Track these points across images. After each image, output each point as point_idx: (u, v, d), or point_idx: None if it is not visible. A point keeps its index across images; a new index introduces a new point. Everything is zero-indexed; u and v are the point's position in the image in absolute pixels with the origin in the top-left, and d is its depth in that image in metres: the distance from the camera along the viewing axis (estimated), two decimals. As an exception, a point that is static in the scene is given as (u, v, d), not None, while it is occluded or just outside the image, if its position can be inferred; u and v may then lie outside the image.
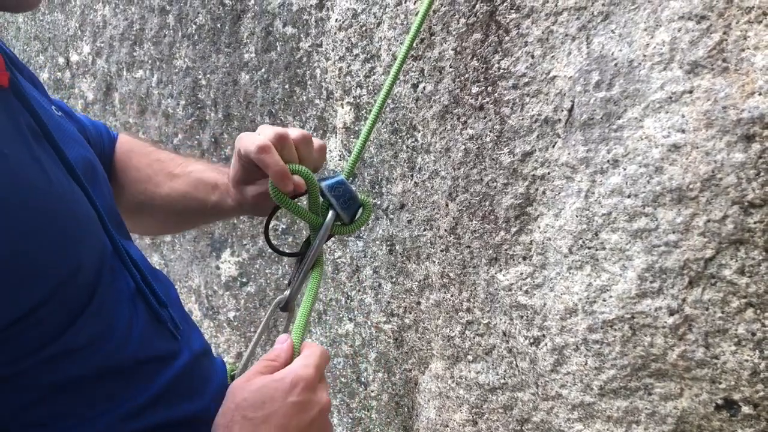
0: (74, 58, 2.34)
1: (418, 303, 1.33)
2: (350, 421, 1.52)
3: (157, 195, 1.17)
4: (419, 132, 1.28)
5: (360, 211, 1.09)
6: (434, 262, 1.28)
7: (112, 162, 1.21)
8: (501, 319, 1.18)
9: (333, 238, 1.26)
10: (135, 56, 2.05)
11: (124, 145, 1.23)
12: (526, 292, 1.14)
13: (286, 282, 1.66)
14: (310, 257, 1.04)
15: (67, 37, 2.35)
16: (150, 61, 1.99)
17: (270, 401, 0.77)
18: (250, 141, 0.97)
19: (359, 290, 1.46)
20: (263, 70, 1.64)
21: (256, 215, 1.21)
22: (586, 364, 1.06)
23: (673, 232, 0.95)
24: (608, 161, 1.01)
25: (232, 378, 0.98)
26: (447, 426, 1.30)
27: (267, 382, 0.79)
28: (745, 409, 0.92)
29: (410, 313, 1.35)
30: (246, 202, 1.09)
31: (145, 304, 0.87)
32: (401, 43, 1.28)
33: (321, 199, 1.05)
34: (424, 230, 1.30)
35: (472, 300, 1.23)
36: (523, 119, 1.11)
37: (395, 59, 1.16)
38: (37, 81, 1.05)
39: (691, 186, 0.93)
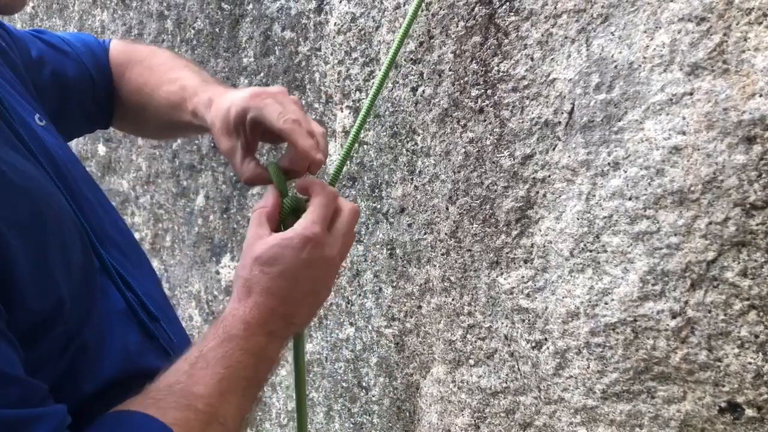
0: (73, 63, 2.34)
1: (419, 307, 1.33)
2: (352, 426, 1.52)
3: (148, 104, 1.16)
4: (419, 135, 1.28)
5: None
6: (435, 265, 1.28)
7: (111, 79, 1.22)
8: (502, 323, 1.18)
9: None
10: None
11: (118, 57, 1.23)
12: (528, 295, 1.13)
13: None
14: None
15: (65, 43, 2.35)
16: (148, 66, 1.99)
17: (281, 259, 0.84)
18: (274, 109, 0.91)
19: (360, 294, 1.45)
20: (262, 74, 1.63)
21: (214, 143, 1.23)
22: (588, 367, 1.06)
23: (675, 235, 0.95)
24: (609, 164, 1.01)
25: None
26: (449, 430, 1.29)
27: (278, 241, 0.85)
28: (749, 412, 0.91)
29: (411, 318, 1.34)
30: (218, 140, 1.00)
31: (136, 321, 0.86)
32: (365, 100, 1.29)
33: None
34: (425, 234, 1.29)
35: (473, 304, 1.22)
36: (523, 122, 1.11)
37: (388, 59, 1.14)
38: (19, 36, 1.05)
39: (692, 188, 0.92)
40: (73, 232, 0.78)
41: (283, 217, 0.92)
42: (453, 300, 1.25)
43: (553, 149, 1.08)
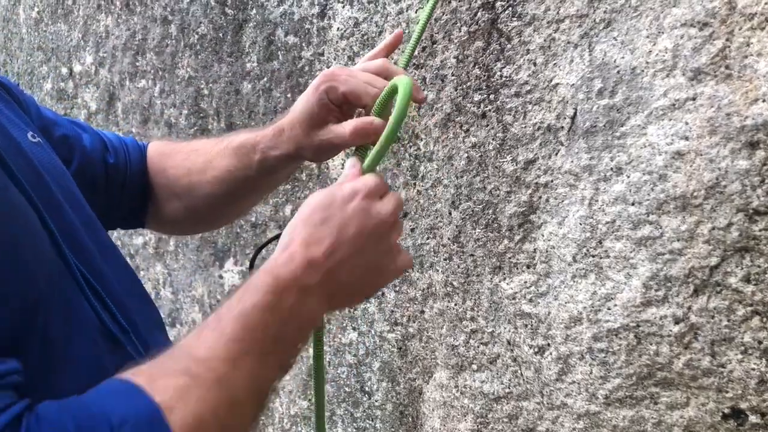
0: (77, 68, 2.35)
1: (422, 312, 1.32)
2: (355, 430, 1.51)
3: (202, 183, 1.09)
4: (422, 140, 1.28)
5: None
6: (438, 270, 1.28)
7: (145, 173, 1.16)
8: (505, 328, 1.18)
9: None
10: (137, 66, 2.06)
11: (156, 149, 1.18)
12: (530, 300, 1.13)
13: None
14: None
15: (70, 48, 2.36)
16: (152, 71, 2.00)
17: (329, 206, 0.76)
18: (363, 88, 0.92)
19: (363, 299, 1.45)
20: (265, 79, 1.64)
21: (313, 161, 1.10)
22: (591, 373, 1.06)
23: (678, 240, 0.94)
24: (612, 169, 1.01)
25: None
26: (452, 435, 1.29)
27: (327, 191, 0.78)
28: (753, 419, 0.91)
29: (414, 322, 1.34)
30: (309, 146, 0.98)
31: (105, 332, 0.83)
32: (402, 52, 1.28)
33: None
34: (428, 239, 1.29)
35: (476, 309, 1.22)
36: (525, 127, 1.11)
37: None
38: (22, 99, 1.02)
39: (695, 193, 0.92)
40: (40, 239, 0.76)
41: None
42: (456, 305, 1.25)
43: (556, 154, 1.08)
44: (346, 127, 0.94)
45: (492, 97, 1.15)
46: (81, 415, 0.61)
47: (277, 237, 0.98)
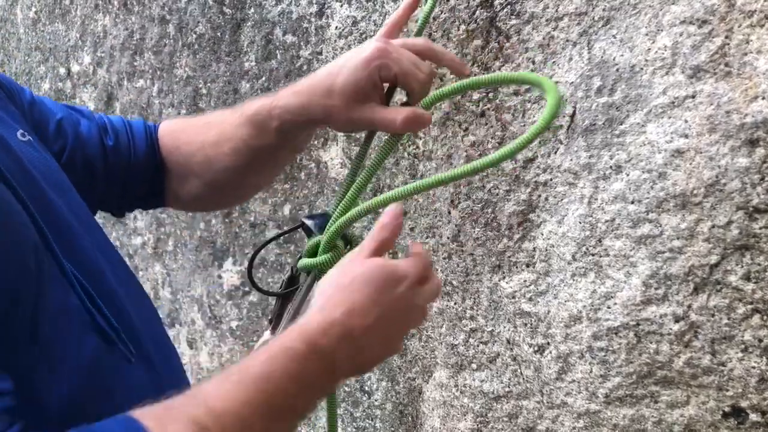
0: (75, 68, 2.34)
1: (421, 311, 1.32)
2: (355, 430, 1.51)
3: (218, 156, 1.07)
4: (421, 139, 1.28)
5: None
6: (437, 269, 1.28)
7: (156, 153, 1.13)
8: (505, 327, 1.17)
9: None
10: (136, 66, 2.05)
11: (167, 127, 1.15)
12: (530, 299, 1.13)
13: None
14: (298, 298, 0.95)
15: (67, 48, 2.35)
16: (151, 71, 1.99)
17: (377, 281, 0.76)
18: (414, 74, 0.90)
19: (362, 298, 1.45)
20: (264, 78, 1.63)
21: (337, 130, 1.09)
22: (591, 371, 1.06)
23: (678, 238, 0.94)
24: (611, 167, 1.00)
25: None
26: (452, 435, 1.29)
27: (380, 265, 0.77)
28: (753, 417, 0.91)
29: (413, 322, 1.34)
30: (342, 119, 0.94)
31: (98, 331, 0.83)
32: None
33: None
34: (427, 238, 1.29)
35: (475, 308, 1.22)
36: (524, 125, 1.11)
37: None
38: (15, 92, 1.01)
39: (695, 191, 0.92)
40: (29, 237, 0.76)
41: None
42: (455, 304, 1.25)
43: (555, 152, 1.07)
44: (398, 114, 0.90)
45: (491, 95, 1.15)
46: None
47: (276, 238, 0.97)
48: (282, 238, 1.65)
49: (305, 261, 0.94)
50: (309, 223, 0.97)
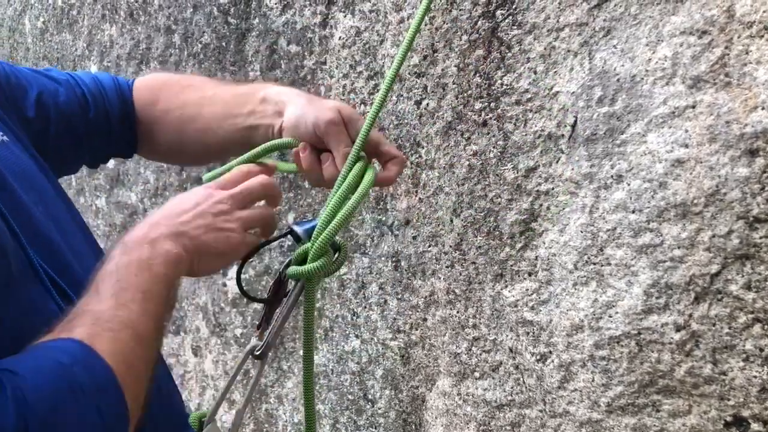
0: (82, 77, 2.36)
1: (425, 319, 1.33)
2: (358, 438, 1.51)
3: (192, 130, 1.16)
4: (423, 148, 1.28)
5: (337, 254, 1.00)
6: (440, 278, 1.28)
7: (131, 112, 1.19)
8: (507, 336, 1.18)
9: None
10: (142, 75, 2.07)
11: (146, 84, 1.22)
12: (532, 308, 1.13)
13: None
14: (287, 305, 0.98)
15: (75, 57, 2.37)
16: (156, 80, 2.01)
17: (180, 202, 0.92)
18: (322, 112, 1.03)
19: (365, 307, 1.45)
20: (268, 87, 1.65)
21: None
22: (593, 380, 1.06)
23: (679, 248, 0.94)
24: (612, 176, 1.01)
25: (201, 424, 0.97)
26: (454, 443, 1.29)
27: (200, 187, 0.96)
28: (755, 426, 0.91)
29: (416, 330, 1.35)
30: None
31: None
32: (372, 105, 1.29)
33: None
34: (429, 246, 1.30)
35: (478, 316, 1.22)
36: (526, 135, 1.11)
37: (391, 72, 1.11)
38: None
39: (695, 201, 0.92)
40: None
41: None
42: (458, 312, 1.25)
43: (557, 162, 1.08)
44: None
45: (493, 105, 1.16)
46: (39, 366, 0.71)
47: (264, 245, 1.00)
48: (286, 246, 1.66)
49: (294, 269, 0.96)
50: (298, 230, 0.99)
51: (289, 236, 1.01)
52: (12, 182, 0.88)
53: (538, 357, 1.13)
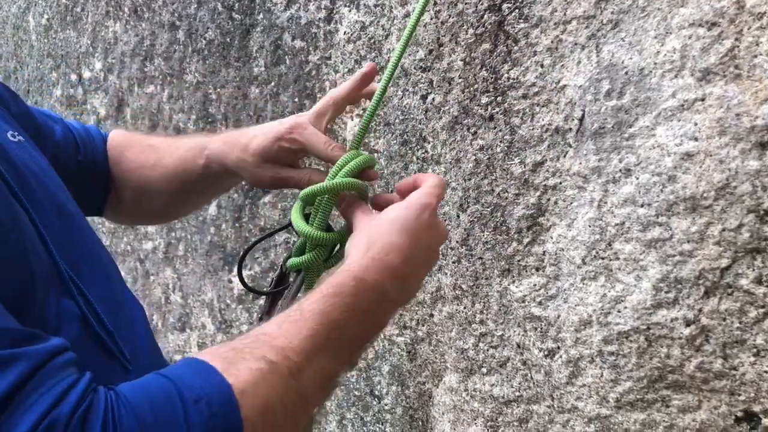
0: (86, 74, 2.36)
1: (431, 315, 1.32)
2: (364, 434, 1.51)
3: (152, 179, 1.16)
4: (429, 143, 1.28)
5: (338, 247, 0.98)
6: (446, 273, 1.27)
7: (108, 166, 1.20)
8: (515, 331, 1.17)
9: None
10: (146, 72, 2.07)
11: (116, 140, 1.23)
12: (540, 303, 1.12)
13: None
14: (288, 296, 0.96)
15: (79, 54, 2.37)
16: (161, 77, 2.01)
17: (403, 219, 0.82)
18: (317, 138, 0.99)
19: (371, 303, 1.45)
20: (273, 83, 1.64)
21: (251, 185, 1.18)
22: (601, 376, 1.05)
23: (688, 242, 0.94)
24: (620, 170, 1.00)
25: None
26: (462, 439, 1.28)
27: (398, 205, 0.84)
28: (766, 422, 0.90)
29: (423, 326, 1.34)
30: (254, 175, 1.05)
31: (91, 333, 0.83)
32: (409, 54, 1.28)
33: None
34: (436, 242, 1.29)
35: (485, 312, 1.21)
36: (533, 129, 1.11)
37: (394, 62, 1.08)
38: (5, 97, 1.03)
39: (705, 194, 0.91)
40: (32, 238, 0.77)
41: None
42: (465, 308, 1.25)
43: (564, 156, 1.07)
44: (302, 174, 1.01)
45: (499, 99, 1.15)
46: (156, 394, 0.62)
47: (264, 238, 1.00)
48: (291, 241, 1.65)
49: (294, 260, 0.95)
50: None
51: (289, 227, 1.00)
52: (31, 182, 0.88)
53: (546, 352, 1.13)
